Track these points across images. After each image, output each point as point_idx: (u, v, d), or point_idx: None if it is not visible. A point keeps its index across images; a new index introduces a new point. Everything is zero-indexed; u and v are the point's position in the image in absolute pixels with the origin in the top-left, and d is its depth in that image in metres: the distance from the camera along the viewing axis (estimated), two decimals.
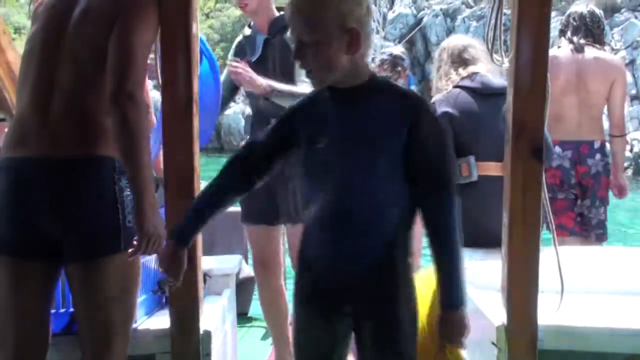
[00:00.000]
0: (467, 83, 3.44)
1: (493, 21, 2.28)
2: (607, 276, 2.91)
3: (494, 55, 2.31)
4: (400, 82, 5.03)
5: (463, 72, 3.50)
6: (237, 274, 4.06)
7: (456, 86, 3.46)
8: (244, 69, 3.25)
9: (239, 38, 3.69)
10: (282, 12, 3.50)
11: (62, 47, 2.27)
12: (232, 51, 3.68)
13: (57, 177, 2.21)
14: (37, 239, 2.23)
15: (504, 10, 2.31)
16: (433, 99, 3.50)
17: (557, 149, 4.20)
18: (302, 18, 1.93)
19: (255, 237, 3.69)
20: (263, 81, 3.27)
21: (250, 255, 4.99)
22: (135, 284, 2.34)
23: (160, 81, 2.37)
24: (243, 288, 4.67)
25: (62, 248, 2.22)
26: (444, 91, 3.49)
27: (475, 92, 3.40)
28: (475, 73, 3.46)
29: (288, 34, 3.34)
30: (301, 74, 3.28)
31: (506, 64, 2.26)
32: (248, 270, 4.83)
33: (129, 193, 2.24)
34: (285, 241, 3.94)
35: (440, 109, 3.34)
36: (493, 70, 3.34)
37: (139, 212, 2.16)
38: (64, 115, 2.24)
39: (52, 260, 2.26)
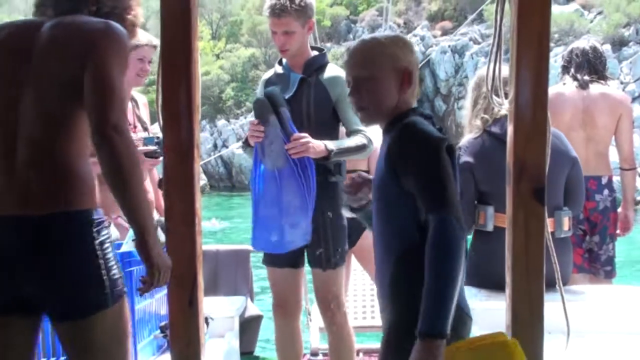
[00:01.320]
0: (494, 129, 3.33)
1: (492, 64, 2.28)
2: (616, 316, 2.88)
3: (494, 98, 2.31)
4: None
5: (497, 112, 3.34)
6: (242, 313, 4.05)
7: (485, 130, 3.36)
8: (301, 140, 3.23)
9: (268, 75, 3.69)
10: (315, 53, 3.58)
11: (24, 88, 2.14)
12: (260, 88, 3.66)
13: (31, 239, 2.07)
14: (16, 300, 2.12)
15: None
16: (460, 143, 3.43)
17: None
18: (359, 56, 2.18)
19: (277, 280, 3.65)
20: (320, 144, 3.29)
21: (255, 292, 4.98)
22: (126, 333, 2.23)
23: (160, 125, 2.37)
24: (249, 327, 4.64)
25: (45, 306, 2.14)
26: (474, 134, 3.40)
27: (500, 139, 3.32)
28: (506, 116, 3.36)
29: (324, 75, 3.47)
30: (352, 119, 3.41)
31: (506, 106, 2.26)
32: (253, 309, 4.80)
33: (108, 245, 2.14)
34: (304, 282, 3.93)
35: (462, 157, 3.30)
36: None
37: (144, 247, 2.07)
38: (31, 166, 2.10)
39: (34, 314, 2.18)
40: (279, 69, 3.61)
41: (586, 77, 4.31)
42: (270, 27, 3.49)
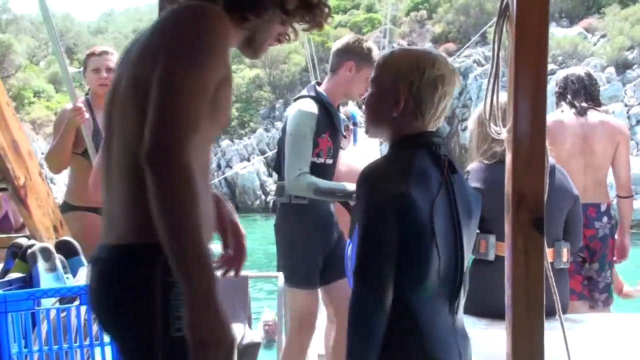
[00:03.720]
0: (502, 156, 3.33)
1: (490, 93, 2.28)
2: (615, 344, 2.86)
3: (492, 126, 2.30)
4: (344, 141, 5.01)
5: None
6: (240, 340, 4.02)
7: (497, 158, 3.29)
8: None
9: (316, 111, 3.67)
10: None
11: (110, 117, 1.84)
12: (310, 121, 3.65)
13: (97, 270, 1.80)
14: None
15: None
16: (469, 167, 3.41)
17: None
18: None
19: (298, 301, 3.78)
20: None
21: (254, 319, 4.96)
22: None
23: None
24: (246, 354, 4.60)
25: None
26: (485, 159, 3.35)
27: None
28: None
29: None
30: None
31: (504, 134, 2.25)
32: (251, 336, 4.76)
33: (180, 290, 1.60)
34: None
35: (470, 182, 3.21)
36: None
37: (187, 309, 1.56)
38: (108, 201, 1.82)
39: None
40: (324, 106, 3.77)
41: (584, 104, 4.33)
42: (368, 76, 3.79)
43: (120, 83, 1.79)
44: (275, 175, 4.77)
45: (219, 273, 1.96)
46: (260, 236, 17.65)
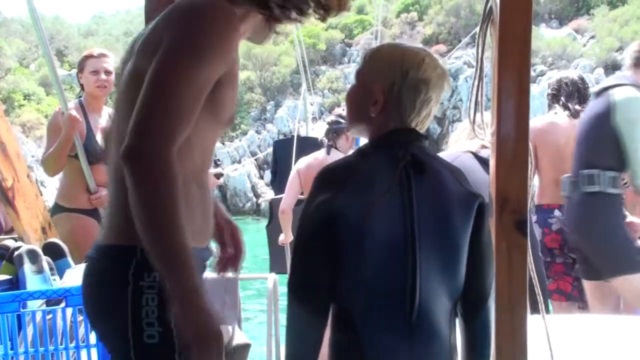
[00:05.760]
0: (482, 153, 3.39)
1: (474, 97, 2.29)
2: (600, 346, 2.87)
3: (476, 129, 2.31)
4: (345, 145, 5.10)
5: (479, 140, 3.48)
6: (230, 341, 4.03)
7: (472, 152, 3.40)
8: None
9: None
10: None
11: (114, 113, 1.80)
12: None
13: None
14: None
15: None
16: (443, 154, 3.48)
17: (557, 213, 4.23)
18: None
19: None
20: None
21: (243, 320, 4.96)
22: None
23: None
24: (237, 355, 4.60)
25: None
26: (460, 148, 3.44)
27: (480, 159, 3.38)
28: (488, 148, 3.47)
29: None
30: None
31: (489, 137, 2.27)
32: (241, 337, 4.76)
33: (153, 296, 1.61)
34: None
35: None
36: None
37: (173, 307, 1.52)
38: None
39: None
40: None
41: (577, 107, 4.36)
42: None
43: (123, 76, 1.74)
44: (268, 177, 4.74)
45: (219, 272, 2.02)
46: (249, 239, 17.59)
